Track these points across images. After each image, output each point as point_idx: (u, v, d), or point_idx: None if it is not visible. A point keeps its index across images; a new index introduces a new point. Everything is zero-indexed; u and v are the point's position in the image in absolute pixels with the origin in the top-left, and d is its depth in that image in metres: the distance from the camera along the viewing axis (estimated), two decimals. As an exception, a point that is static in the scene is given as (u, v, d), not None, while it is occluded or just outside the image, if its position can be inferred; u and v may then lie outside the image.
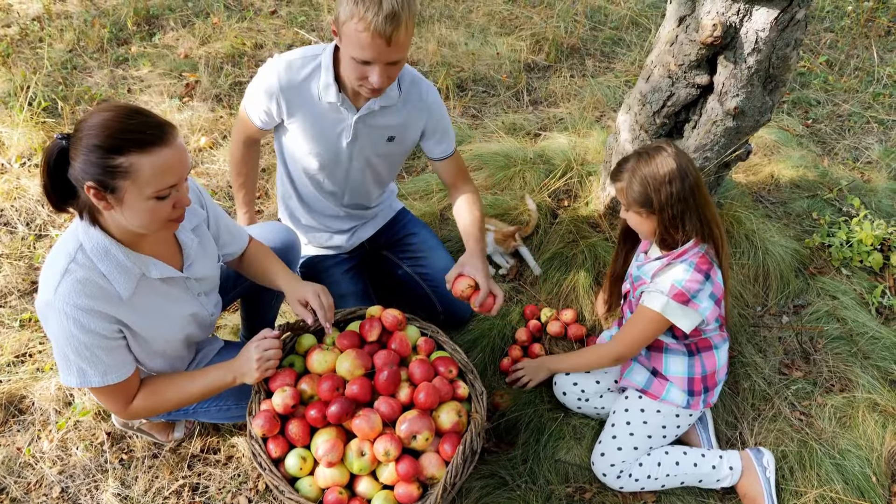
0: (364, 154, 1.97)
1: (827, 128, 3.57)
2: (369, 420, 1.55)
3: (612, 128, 3.35)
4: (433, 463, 1.56)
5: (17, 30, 3.98)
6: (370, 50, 1.57)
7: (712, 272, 1.73)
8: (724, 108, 2.10)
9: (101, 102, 3.40)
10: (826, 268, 2.66)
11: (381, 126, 1.92)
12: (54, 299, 1.35)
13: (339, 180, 2.05)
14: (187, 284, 1.60)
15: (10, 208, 2.76)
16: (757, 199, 2.98)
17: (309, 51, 1.84)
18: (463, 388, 1.72)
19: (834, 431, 2.07)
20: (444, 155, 2.06)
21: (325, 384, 1.61)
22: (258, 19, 4.23)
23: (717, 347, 1.89)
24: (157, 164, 1.28)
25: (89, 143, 1.25)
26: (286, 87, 1.82)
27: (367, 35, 1.54)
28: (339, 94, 1.81)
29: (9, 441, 2.01)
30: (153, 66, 3.74)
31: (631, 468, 1.84)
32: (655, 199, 1.69)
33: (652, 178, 1.68)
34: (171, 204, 1.35)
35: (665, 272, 1.75)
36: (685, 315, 1.72)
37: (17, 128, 3.07)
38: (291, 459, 1.55)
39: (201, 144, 3.20)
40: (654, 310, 1.74)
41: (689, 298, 1.70)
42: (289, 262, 2.01)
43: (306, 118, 1.87)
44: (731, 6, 1.92)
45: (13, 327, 2.32)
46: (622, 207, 1.82)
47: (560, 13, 4.31)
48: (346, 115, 1.86)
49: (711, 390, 1.90)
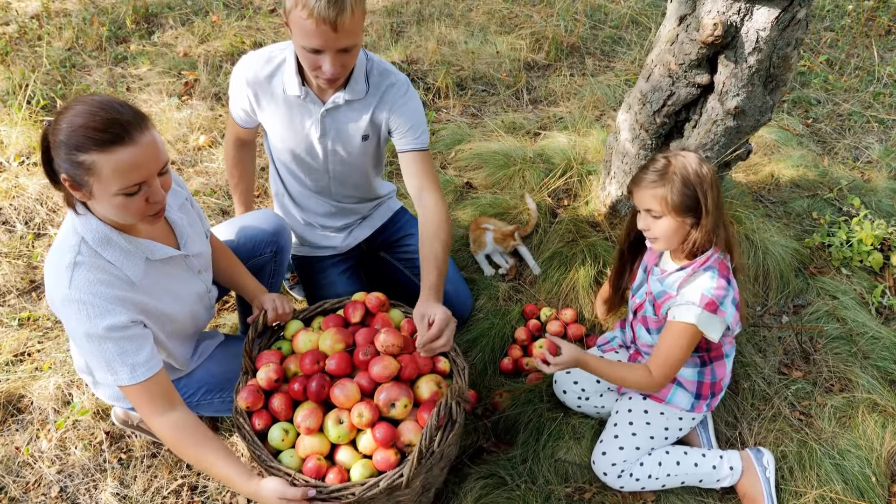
0: (338, 151, 1.96)
1: (827, 127, 3.57)
2: (345, 389, 1.58)
3: (611, 127, 3.34)
4: (410, 430, 1.57)
5: (16, 28, 3.97)
6: (316, 37, 1.55)
7: (731, 277, 1.70)
8: (725, 107, 2.10)
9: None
10: (826, 268, 2.65)
11: (352, 126, 1.90)
12: (71, 293, 1.34)
13: (320, 176, 2.05)
14: (187, 262, 1.63)
15: (8, 207, 2.76)
16: (757, 198, 2.98)
17: (277, 46, 1.85)
18: (444, 362, 1.74)
19: (834, 431, 2.07)
20: (408, 147, 1.90)
21: (307, 359, 1.65)
22: (257, 18, 4.22)
23: (728, 355, 1.88)
24: (119, 163, 1.26)
25: (56, 138, 1.25)
26: (253, 80, 1.85)
27: (311, 22, 1.51)
28: (302, 87, 1.81)
29: (7, 440, 2.00)
30: (152, 64, 3.73)
31: (632, 468, 1.84)
32: (703, 202, 1.61)
33: (697, 178, 1.60)
34: (142, 199, 1.34)
35: (691, 282, 1.69)
36: (714, 324, 1.66)
37: (16, 126, 3.07)
38: (275, 432, 1.57)
39: (200, 143, 3.19)
40: (689, 322, 1.64)
41: (717, 306, 1.63)
42: (280, 247, 2.03)
43: (276, 112, 1.89)
44: (732, 5, 1.92)
45: (12, 326, 2.31)
46: (643, 216, 1.70)
47: (560, 12, 4.31)
48: (313, 110, 1.86)
49: (717, 395, 1.90)
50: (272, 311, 1.77)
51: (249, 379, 1.67)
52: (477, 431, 2.03)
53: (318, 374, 1.62)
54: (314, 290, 2.24)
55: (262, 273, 2.05)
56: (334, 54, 1.61)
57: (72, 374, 2.14)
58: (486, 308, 2.39)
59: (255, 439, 1.54)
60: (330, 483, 1.48)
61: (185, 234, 1.61)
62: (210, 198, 2.90)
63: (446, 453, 1.61)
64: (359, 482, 1.46)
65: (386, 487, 1.44)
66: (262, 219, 2.02)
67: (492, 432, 2.04)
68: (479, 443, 2.01)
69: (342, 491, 1.44)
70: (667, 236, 1.68)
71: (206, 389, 1.79)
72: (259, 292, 1.83)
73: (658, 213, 1.65)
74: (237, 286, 1.87)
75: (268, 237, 1.99)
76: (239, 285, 1.86)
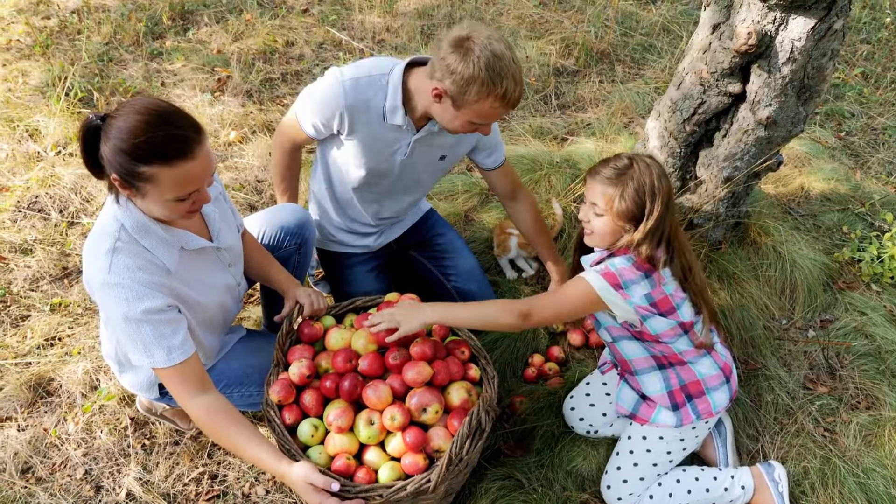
0: (415, 170, 1.98)
1: (860, 141, 3.51)
2: (378, 391, 1.59)
3: (640, 134, 3.33)
4: (440, 436, 1.57)
5: (57, 22, 4.07)
6: (496, 116, 1.67)
7: (656, 276, 1.63)
8: (756, 117, 2.08)
9: (135, 95, 3.46)
10: (855, 283, 2.61)
11: (436, 148, 1.93)
12: (110, 277, 1.39)
13: (381, 190, 2.04)
14: (218, 255, 1.66)
15: (44, 195, 2.83)
16: (786, 210, 2.94)
17: (375, 69, 1.79)
18: (475, 370, 1.74)
19: (858, 449, 2.03)
20: (495, 165, 2.08)
21: (339, 357, 1.66)
22: (290, 17, 4.27)
23: (693, 362, 1.77)
24: (179, 176, 1.32)
25: (116, 145, 1.29)
26: (352, 105, 1.78)
27: (503, 109, 1.65)
28: (405, 118, 1.80)
29: (36, 422, 2.06)
30: (186, 60, 3.80)
31: (640, 501, 1.80)
32: (647, 215, 1.59)
33: (650, 190, 1.58)
34: (190, 202, 1.40)
35: (604, 262, 1.66)
36: (615, 300, 1.60)
37: (54, 117, 3.14)
38: (304, 427, 1.59)
39: (231, 139, 3.24)
40: (586, 279, 1.62)
41: (619, 283, 1.59)
42: (305, 239, 2.05)
43: (366, 136, 1.85)
44: (767, 14, 1.90)
45: (44, 311, 2.37)
46: (587, 206, 1.69)
47: (591, 18, 4.30)
48: (406, 135, 1.86)
49: (698, 398, 1.78)
50: (308, 305, 1.78)
51: (281, 372, 1.68)
52: (495, 434, 2.03)
53: (351, 374, 1.63)
54: (341, 287, 2.25)
55: (286, 265, 2.07)
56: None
57: (100, 360, 2.19)
58: (507, 311, 2.39)
59: (284, 433, 1.55)
60: (357, 483, 1.49)
61: (217, 226, 1.64)
62: (239, 192, 2.94)
63: (472, 460, 1.62)
64: (386, 484, 1.48)
65: (413, 491, 1.45)
66: (286, 211, 2.04)
67: (510, 436, 2.04)
68: (497, 445, 2.01)
69: (370, 492, 1.45)
70: (602, 234, 1.66)
71: (225, 383, 1.81)
72: (292, 286, 1.84)
73: (601, 211, 1.64)
74: (270, 281, 1.88)
75: (293, 230, 2.02)
76: (271, 280, 1.88)
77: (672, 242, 1.65)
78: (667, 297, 1.64)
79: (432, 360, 1.67)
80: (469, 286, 2.25)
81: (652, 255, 1.60)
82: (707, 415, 1.78)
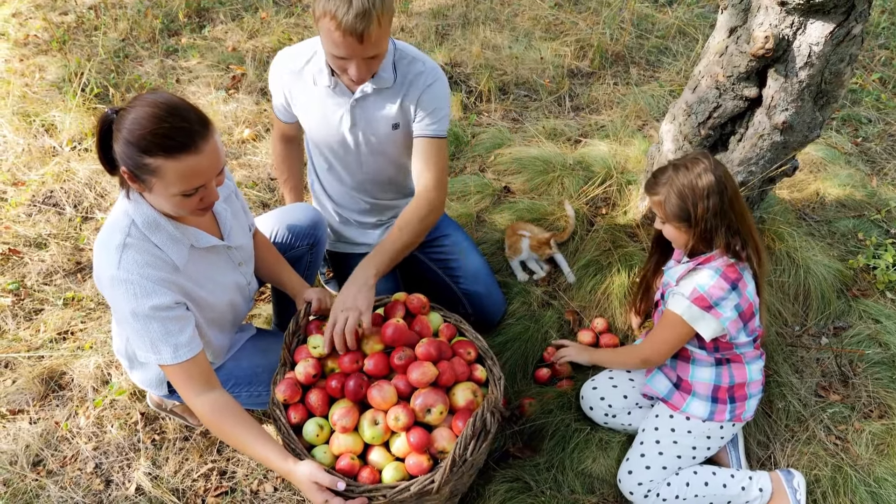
0: (370, 140, 1.96)
1: (877, 147, 3.47)
2: (382, 391, 1.59)
3: (654, 137, 3.31)
4: (445, 437, 1.57)
5: (74, 18, 4.11)
6: (343, 48, 1.59)
7: (741, 284, 1.71)
8: (772, 121, 2.06)
9: (149, 91, 3.49)
10: (870, 290, 2.58)
11: (381, 114, 1.90)
12: (119, 273, 1.39)
13: (353, 170, 2.06)
14: (229, 254, 1.67)
15: (59, 190, 2.85)
16: (801, 216, 2.91)
17: (311, 40, 1.88)
18: (480, 371, 1.74)
19: (871, 458, 2.01)
20: (421, 133, 1.89)
21: (345, 357, 1.66)
22: (305, 16, 4.28)
23: (749, 363, 1.86)
24: (183, 170, 1.32)
25: (125, 136, 1.30)
26: (287, 73, 1.89)
27: (338, 34, 1.55)
28: (331, 78, 1.83)
29: (48, 415, 2.07)
30: (202, 57, 3.82)
31: (659, 487, 1.81)
32: (693, 213, 1.68)
33: (690, 191, 1.68)
34: (198, 198, 1.40)
35: (690, 276, 1.75)
36: (705, 321, 1.71)
37: (70, 112, 3.17)
38: (310, 427, 1.59)
39: (245, 136, 3.26)
40: (676, 313, 1.74)
41: (710, 305, 1.69)
42: (317, 239, 2.06)
43: (309, 104, 1.92)
44: (785, 18, 1.89)
45: (57, 305, 2.39)
46: (658, 219, 1.81)
47: (606, 20, 4.28)
48: (343, 101, 1.88)
49: (739, 402, 1.85)
50: (316, 302, 1.79)
51: (287, 371, 1.69)
52: (504, 435, 2.03)
53: (357, 374, 1.63)
54: None
55: (299, 265, 2.08)
56: (361, 61, 1.65)
57: (111, 355, 2.21)
58: (518, 313, 2.38)
59: (290, 432, 1.56)
60: (361, 483, 1.49)
61: (228, 225, 1.65)
62: (251, 190, 2.95)
63: (477, 461, 1.61)
64: (390, 484, 1.48)
65: (416, 492, 1.44)
66: (299, 211, 2.05)
67: (518, 437, 2.04)
68: (506, 447, 2.01)
69: (373, 491, 1.45)
70: (674, 239, 1.81)
71: (234, 382, 1.81)
72: (302, 288, 1.85)
73: (662, 218, 1.79)
74: (280, 282, 1.89)
75: (305, 229, 2.02)
76: (281, 281, 1.88)
77: (743, 234, 1.73)
78: (750, 303, 1.74)
79: (437, 360, 1.67)
80: (476, 288, 2.24)
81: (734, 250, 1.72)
82: (738, 419, 1.86)
